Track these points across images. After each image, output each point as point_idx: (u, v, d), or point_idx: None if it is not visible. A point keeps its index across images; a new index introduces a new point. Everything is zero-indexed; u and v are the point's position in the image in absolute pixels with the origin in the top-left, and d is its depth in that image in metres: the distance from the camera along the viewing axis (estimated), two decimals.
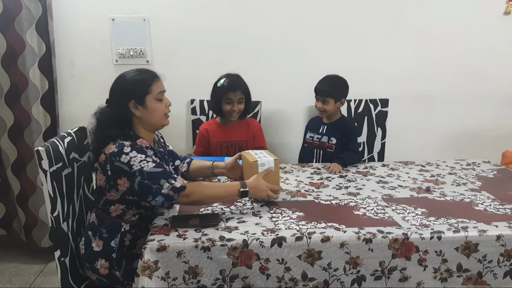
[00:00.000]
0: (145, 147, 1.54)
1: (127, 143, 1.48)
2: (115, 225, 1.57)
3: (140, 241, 1.59)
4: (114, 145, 1.47)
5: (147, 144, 1.58)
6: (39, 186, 2.41)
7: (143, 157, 1.46)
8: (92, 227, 1.60)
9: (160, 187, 1.42)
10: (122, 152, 1.45)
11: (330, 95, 2.15)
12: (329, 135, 2.25)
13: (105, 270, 1.54)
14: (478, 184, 1.88)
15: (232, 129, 2.25)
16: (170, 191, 1.43)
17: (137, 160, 1.44)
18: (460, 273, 1.43)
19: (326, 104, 2.17)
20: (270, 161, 1.62)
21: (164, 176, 1.44)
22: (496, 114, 2.75)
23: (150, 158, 1.47)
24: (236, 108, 2.14)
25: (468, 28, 2.58)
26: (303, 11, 2.50)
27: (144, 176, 1.43)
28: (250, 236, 1.35)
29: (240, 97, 2.14)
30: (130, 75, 1.56)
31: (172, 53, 2.52)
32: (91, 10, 2.42)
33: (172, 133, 2.63)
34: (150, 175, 1.43)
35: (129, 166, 1.43)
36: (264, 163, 1.61)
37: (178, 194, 1.44)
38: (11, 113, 2.36)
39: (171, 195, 1.43)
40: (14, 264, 2.51)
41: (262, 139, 2.32)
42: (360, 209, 1.58)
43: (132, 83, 1.54)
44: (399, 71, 2.63)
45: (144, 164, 1.44)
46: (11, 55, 2.28)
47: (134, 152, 1.45)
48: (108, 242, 1.55)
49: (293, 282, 1.37)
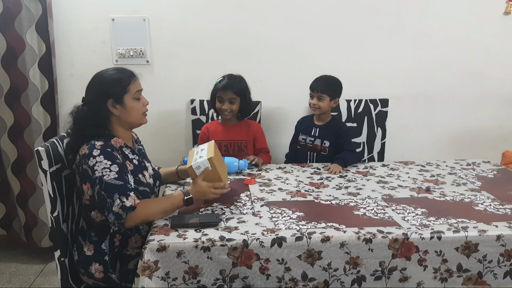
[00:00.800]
0: (119, 147, 1.54)
1: (98, 143, 1.47)
2: (103, 227, 1.55)
3: (131, 239, 1.58)
4: (87, 146, 1.47)
5: (122, 143, 1.58)
6: (39, 186, 2.41)
7: (108, 164, 1.45)
8: (82, 231, 1.59)
9: (112, 203, 1.41)
10: (91, 154, 1.45)
11: (326, 91, 2.17)
12: (322, 137, 2.24)
13: (100, 274, 1.53)
14: (478, 184, 1.88)
15: (232, 129, 2.26)
16: (120, 210, 1.40)
17: (101, 167, 1.44)
18: (460, 273, 1.43)
19: (321, 100, 2.18)
20: (205, 162, 1.56)
21: (119, 191, 1.42)
22: (496, 114, 2.75)
23: (115, 167, 1.45)
24: (226, 107, 2.16)
25: (468, 28, 2.58)
26: (303, 11, 2.50)
27: (102, 185, 1.42)
28: (250, 236, 1.35)
29: (231, 97, 2.15)
30: (108, 74, 1.56)
31: (172, 53, 2.52)
32: (91, 10, 2.42)
33: (172, 133, 2.64)
34: (108, 186, 1.42)
35: (92, 171, 1.44)
36: (199, 165, 1.56)
37: (127, 213, 1.41)
38: (11, 113, 2.36)
39: (120, 213, 1.41)
40: (14, 264, 2.51)
41: (263, 140, 2.33)
42: (360, 209, 1.58)
43: (110, 82, 1.54)
44: (399, 71, 2.63)
45: (106, 172, 1.43)
46: (11, 55, 2.28)
47: (101, 157, 1.45)
48: (99, 245, 1.54)
49: (293, 282, 1.37)
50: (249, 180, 1.91)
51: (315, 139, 2.26)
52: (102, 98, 1.53)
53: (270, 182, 1.90)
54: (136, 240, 1.59)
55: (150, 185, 1.63)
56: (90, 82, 1.57)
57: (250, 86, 2.24)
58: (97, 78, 1.57)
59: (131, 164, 1.57)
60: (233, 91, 2.14)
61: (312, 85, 2.21)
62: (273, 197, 1.71)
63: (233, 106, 2.18)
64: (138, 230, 1.60)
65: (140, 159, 1.65)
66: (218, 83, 2.18)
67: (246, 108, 2.25)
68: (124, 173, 1.49)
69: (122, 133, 1.60)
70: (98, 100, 1.54)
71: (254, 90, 2.26)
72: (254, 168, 2.09)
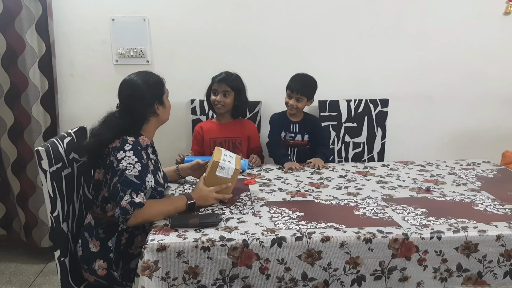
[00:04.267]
0: (145, 145, 1.58)
1: (130, 139, 1.51)
2: (112, 225, 1.57)
3: (137, 238, 1.59)
4: (119, 140, 1.50)
5: (148, 142, 1.62)
6: (39, 186, 2.41)
7: (134, 160, 1.47)
8: (89, 228, 1.60)
9: (123, 196, 1.42)
10: (122, 148, 1.48)
11: (304, 94, 2.21)
12: (302, 132, 2.31)
13: (103, 271, 1.54)
14: (478, 184, 1.88)
15: (226, 126, 2.27)
16: (128, 205, 1.41)
17: (127, 161, 1.46)
18: (460, 273, 1.43)
19: (299, 102, 2.22)
20: (231, 169, 1.57)
21: (133, 188, 1.43)
22: (496, 114, 2.75)
23: (139, 165, 1.48)
24: (220, 99, 2.18)
25: (468, 28, 2.58)
26: (303, 12, 2.50)
27: (121, 178, 1.44)
28: (250, 236, 1.35)
29: (225, 89, 2.17)
30: (144, 78, 1.59)
31: (172, 53, 2.52)
32: (91, 10, 2.42)
33: (172, 133, 2.64)
34: (125, 180, 1.44)
35: (118, 162, 1.46)
36: (224, 167, 1.57)
37: (134, 209, 1.42)
38: (11, 113, 2.36)
39: (127, 209, 1.41)
40: (14, 264, 2.51)
41: (257, 140, 2.35)
42: (360, 209, 1.58)
43: (152, 86, 1.60)
44: (399, 71, 2.63)
45: (130, 167, 1.46)
46: (11, 55, 2.28)
47: (131, 152, 1.48)
48: (106, 242, 1.55)
49: (293, 282, 1.37)
50: (249, 180, 1.91)
51: (296, 135, 2.32)
52: (147, 102, 1.58)
53: (270, 182, 1.90)
54: (142, 239, 1.59)
55: (164, 186, 1.66)
56: (126, 90, 1.58)
57: (250, 86, 2.24)
58: (134, 86, 1.58)
59: (151, 164, 1.60)
60: (228, 84, 2.17)
61: (291, 85, 2.23)
62: (273, 197, 1.71)
63: (226, 99, 2.18)
64: (145, 230, 1.61)
65: (157, 160, 1.69)
66: (214, 77, 2.22)
67: (241, 106, 2.25)
68: (145, 174, 1.51)
69: (150, 133, 1.66)
70: (140, 104, 1.57)
71: (254, 90, 2.26)
72: (254, 168, 2.09)
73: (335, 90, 2.59)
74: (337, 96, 2.57)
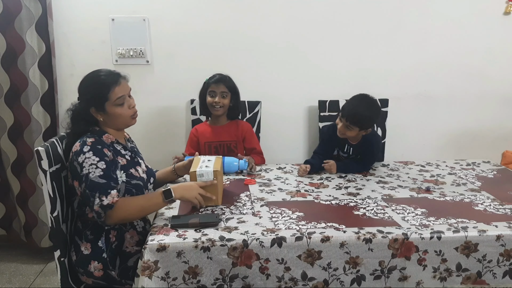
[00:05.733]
0: (110, 142, 1.56)
1: (89, 140, 1.49)
2: (97, 225, 1.55)
3: (126, 235, 1.58)
4: (79, 142, 1.49)
5: (113, 139, 1.60)
6: (39, 186, 2.41)
7: (95, 160, 1.46)
8: (78, 231, 1.60)
9: (94, 201, 1.42)
10: (82, 151, 1.47)
11: (355, 124, 1.94)
12: (356, 153, 2.13)
13: (100, 272, 1.54)
14: (478, 184, 1.88)
15: (221, 129, 2.26)
16: (99, 208, 1.42)
17: (88, 163, 1.45)
18: (460, 273, 1.43)
19: (349, 129, 1.97)
20: (210, 173, 1.58)
21: (100, 189, 1.43)
22: (496, 114, 2.75)
23: (102, 164, 1.46)
24: (218, 100, 2.16)
25: (468, 28, 2.58)
26: (302, 12, 2.50)
27: (87, 183, 1.44)
28: (250, 236, 1.35)
29: (223, 90, 2.16)
30: (90, 81, 1.57)
31: (172, 53, 2.52)
32: (91, 10, 2.42)
33: (172, 133, 2.64)
34: (91, 184, 1.44)
35: (81, 167, 1.46)
36: (202, 173, 1.58)
37: (105, 212, 1.43)
38: (11, 113, 2.36)
39: (99, 212, 1.43)
40: (14, 264, 2.51)
41: (252, 140, 2.30)
42: (360, 209, 1.59)
43: (91, 90, 1.55)
44: (399, 71, 2.63)
45: (93, 169, 1.45)
46: (11, 55, 2.28)
47: (90, 153, 1.47)
48: (96, 243, 1.55)
49: (293, 282, 1.37)
50: (249, 180, 1.91)
51: (349, 156, 2.16)
52: (85, 104, 1.55)
53: (270, 182, 1.90)
54: (132, 235, 1.59)
55: (143, 179, 1.63)
56: (79, 85, 1.59)
57: (250, 86, 2.24)
58: (82, 82, 1.58)
59: (123, 159, 1.59)
60: (225, 84, 2.17)
61: (346, 110, 1.95)
62: (273, 197, 1.71)
63: (225, 100, 2.18)
64: (133, 226, 1.61)
65: (133, 155, 1.66)
66: (209, 79, 2.21)
67: (236, 107, 2.25)
68: (112, 170, 1.50)
69: (113, 132, 1.62)
70: (83, 104, 1.56)
71: (254, 90, 2.25)
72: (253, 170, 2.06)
73: (335, 90, 2.59)
74: (337, 96, 2.57)
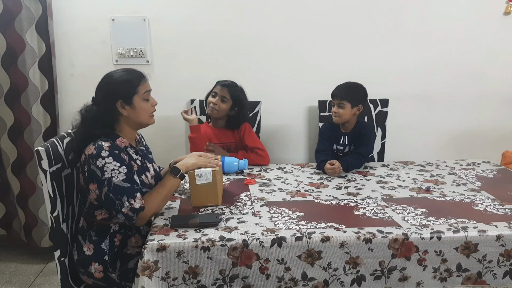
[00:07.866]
0: (124, 147, 1.56)
1: (106, 145, 1.48)
2: (103, 227, 1.56)
3: (130, 240, 1.59)
4: (94, 146, 1.48)
5: (127, 143, 1.59)
6: (39, 186, 2.41)
7: (117, 165, 1.46)
8: (82, 231, 1.60)
9: (122, 204, 1.43)
10: (100, 155, 1.46)
11: (346, 98, 2.07)
12: (350, 143, 2.18)
13: (100, 274, 1.54)
14: (478, 184, 1.88)
15: (220, 131, 2.26)
16: (130, 212, 1.44)
17: (110, 168, 1.45)
18: (460, 273, 1.43)
19: (341, 108, 2.08)
20: (208, 173, 1.58)
21: (127, 193, 1.44)
22: (496, 114, 2.75)
23: (123, 168, 1.47)
24: (216, 101, 2.15)
25: (468, 28, 2.58)
26: (302, 12, 2.50)
27: (110, 187, 1.44)
28: (250, 236, 1.35)
29: (224, 94, 2.15)
30: (118, 75, 1.57)
31: (172, 53, 2.52)
32: (91, 10, 2.42)
33: (172, 133, 2.64)
34: (116, 188, 1.44)
35: (102, 172, 1.45)
36: (201, 174, 1.57)
37: (137, 215, 1.45)
38: (11, 113, 2.36)
39: (130, 215, 1.44)
40: (14, 264, 2.51)
41: (251, 139, 2.23)
42: (360, 209, 1.58)
43: (119, 83, 1.55)
44: (399, 71, 2.63)
45: (115, 174, 1.45)
46: (11, 55, 2.28)
47: (111, 158, 1.46)
48: (99, 245, 1.55)
49: (293, 282, 1.37)
50: (249, 180, 1.91)
51: (345, 148, 2.19)
52: (112, 99, 1.55)
53: (270, 182, 1.90)
54: (137, 240, 1.60)
55: (151, 186, 1.63)
56: (100, 83, 1.58)
57: (250, 86, 2.23)
58: (106, 79, 1.58)
59: (135, 165, 1.59)
60: (229, 90, 2.15)
61: (333, 92, 2.12)
62: (273, 197, 1.71)
63: (222, 104, 2.15)
64: (139, 230, 1.61)
65: (142, 160, 1.66)
66: (220, 81, 2.20)
67: (237, 118, 2.21)
68: (132, 174, 1.51)
69: (128, 133, 1.62)
70: (107, 100, 1.55)
71: (254, 90, 2.25)
72: (254, 168, 2.08)
73: None
74: None
